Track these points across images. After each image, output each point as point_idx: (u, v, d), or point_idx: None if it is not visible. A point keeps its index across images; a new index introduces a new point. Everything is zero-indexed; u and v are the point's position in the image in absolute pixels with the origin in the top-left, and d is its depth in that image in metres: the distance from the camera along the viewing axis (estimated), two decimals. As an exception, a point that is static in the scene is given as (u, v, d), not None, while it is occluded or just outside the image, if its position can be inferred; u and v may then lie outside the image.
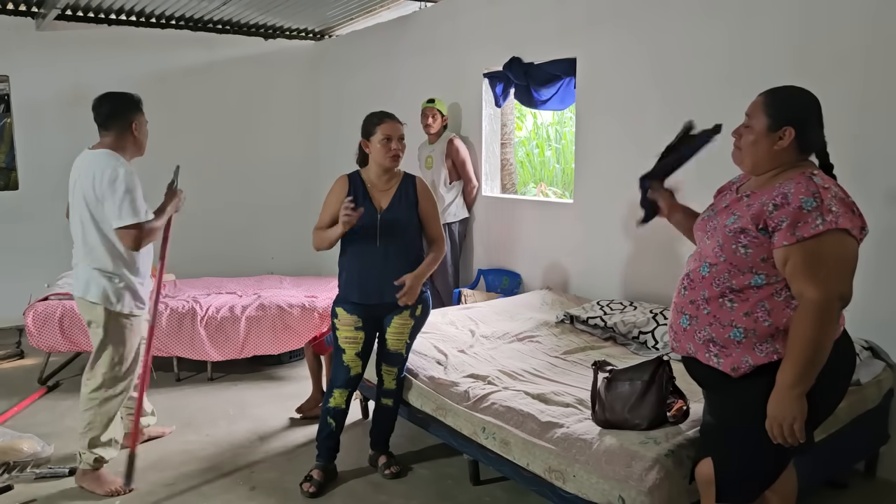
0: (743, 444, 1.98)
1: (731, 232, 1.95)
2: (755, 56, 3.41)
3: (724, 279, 1.96)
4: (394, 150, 3.04)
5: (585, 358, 3.30)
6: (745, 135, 2.01)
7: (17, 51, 5.74)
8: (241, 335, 4.51)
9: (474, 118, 5.19)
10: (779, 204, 1.85)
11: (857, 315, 3.10)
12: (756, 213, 1.90)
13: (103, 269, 3.02)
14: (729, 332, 1.95)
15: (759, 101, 2.00)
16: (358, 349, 3.12)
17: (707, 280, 2.00)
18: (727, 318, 1.95)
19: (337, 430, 3.19)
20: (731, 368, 1.95)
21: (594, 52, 4.23)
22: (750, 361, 1.92)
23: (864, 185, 3.05)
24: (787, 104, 1.97)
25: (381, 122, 3.06)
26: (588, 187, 4.40)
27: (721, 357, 1.97)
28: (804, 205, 1.81)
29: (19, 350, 5.13)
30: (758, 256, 1.91)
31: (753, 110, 2.01)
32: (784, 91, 2.00)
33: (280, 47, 6.91)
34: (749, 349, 1.92)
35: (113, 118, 3.10)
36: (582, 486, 2.36)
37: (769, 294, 1.91)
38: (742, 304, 1.93)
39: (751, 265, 1.92)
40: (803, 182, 1.85)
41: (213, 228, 6.58)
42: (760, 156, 1.98)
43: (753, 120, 1.99)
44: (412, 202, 3.13)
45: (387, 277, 3.05)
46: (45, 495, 3.08)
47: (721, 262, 1.97)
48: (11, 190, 5.93)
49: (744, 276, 1.93)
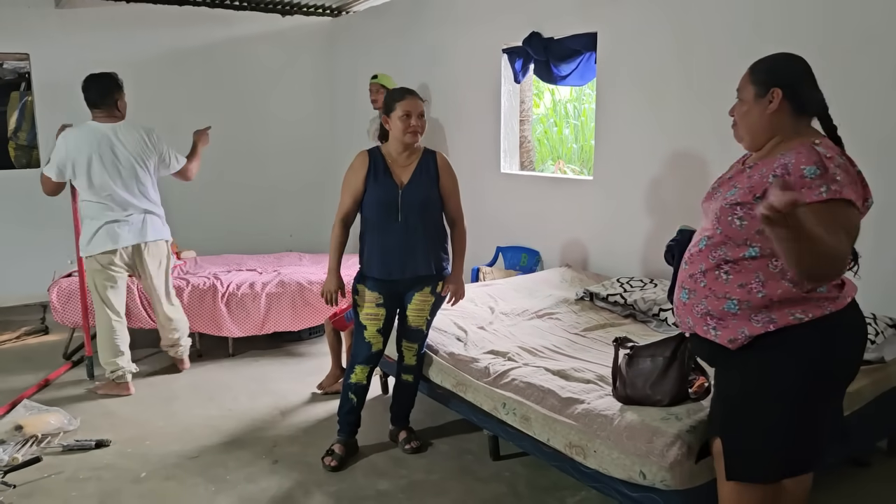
0: (746, 418, 1.95)
1: (728, 204, 1.93)
2: (780, 31, 3.34)
3: (720, 251, 1.95)
4: (413, 126, 3.03)
5: (605, 335, 3.30)
6: (738, 108, 2.03)
7: (38, 29, 5.75)
8: (262, 312, 4.55)
9: (493, 94, 5.15)
10: (779, 175, 1.82)
11: (882, 293, 3.09)
12: (755, 184, 1.88)
13: (159, 214, 4.03)
14: (724, 303, 1.93)
15: (747, 74, 2.02)
16: (379, 325, 3.13)
17: (704, 253, 1.99)
18: (722, 289, 1.94)
19: (358, 405, 3.22)
20: (729, 340, 1.93)
21: (615, 27, 4.17)
22: (746, 332, 1.90)
23: (891, 160, 3.01)
24: (770, 68, 1.97)
25: (402, 98, 3.06)
26: (608, 164, 4.36)
27: (718, 329, 1.96)
28: (807, 174, 1.77)
29: (44, 326, 5.21)
30: (752, 228, 1.88)
31: (742, 84, 2.02)
32: (767, 58, 2.01)
33: (297, 23, 6.88)
34: (745, 320, 1.91)
35: (105, 97, 3.86)
36: (603, 461, 2.36)
37: (764, 265, 1.89)
38: (736, 275, 1.92)
39: (745, 237, 1.90)
40: (804, 152, 1.81)
41: (232, 205, 6.61)
42: (755, 125, 1.97)
43: (743, 93, 2.01)
44: (433, 177, 3.12)
45: (408, 253, 3.06)
46: (72, 467, 3.15)
47: (717, 235, 1.95)
48: (34, 167, 5.97)
49: (739, 249, 1.91)
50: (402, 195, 3.06)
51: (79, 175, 3.82)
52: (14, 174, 5.92)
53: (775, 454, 1.94)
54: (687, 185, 3.76)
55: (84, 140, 3.80)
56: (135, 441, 3.40)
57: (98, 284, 3.92)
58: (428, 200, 3.10)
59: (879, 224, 3.00)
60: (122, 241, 3.87)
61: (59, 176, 3.85)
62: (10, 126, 6.19)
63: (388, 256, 3.08)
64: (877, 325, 2.90)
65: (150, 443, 3.39)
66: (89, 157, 3.79)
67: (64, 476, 3.07)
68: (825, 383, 1.93)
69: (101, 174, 3.81)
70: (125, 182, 3.86)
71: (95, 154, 3.80)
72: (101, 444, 3.32)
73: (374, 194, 3.07)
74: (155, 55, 6.08)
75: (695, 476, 2.21)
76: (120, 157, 3.84)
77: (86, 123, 3.87)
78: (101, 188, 3.82)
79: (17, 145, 6.21)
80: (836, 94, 3.07)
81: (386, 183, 3.05)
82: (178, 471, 3.13)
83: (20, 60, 5.91)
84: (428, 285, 3.15)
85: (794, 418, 1.91)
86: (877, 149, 2.95)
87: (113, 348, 3.96)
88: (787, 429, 1.91)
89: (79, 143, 3.80)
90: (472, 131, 5.37)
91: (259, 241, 6.55)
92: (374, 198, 3.07)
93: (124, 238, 3.87)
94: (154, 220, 3.99)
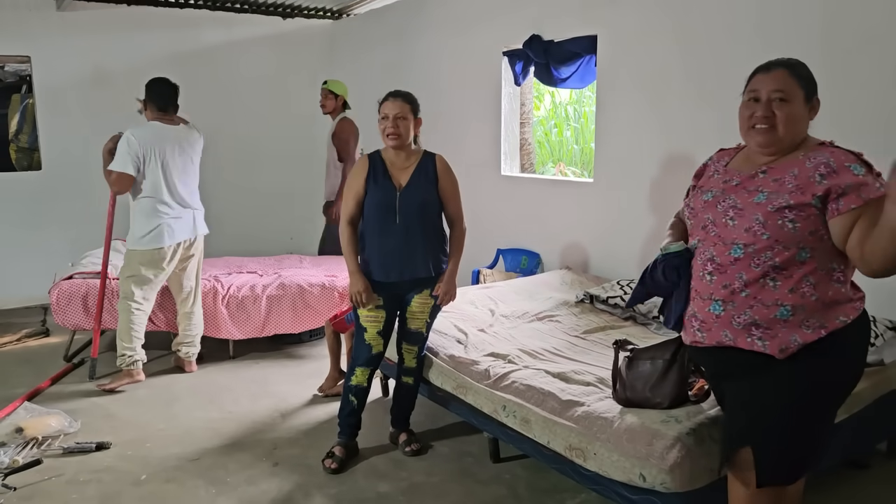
0: (784, 426, 1.92)
1: (775, 208, 1.88)
2: (783, 33, 3.35)
3: (765, 258, 1.89)
4: (390, 128, 3.02)
5: (605, 337, 3.30)
6: (781, 110, 1.93)
7: (39, 31, 5.77)
8: (262, 314, 4.56)
9: (493, 97, 5.16)
10: (825, 174, 1.84)
11: (883, 295, 3.09)
12: (802, 185, 1.86)
13: (202, 210, 4.26)
14: (775, 311, 1.89)
15: (786, 74, 1.94)
16: (379, 328, 3.14)
17: (743, 262, 1.92)
18: (770, 297, 1.89)
19: (359, 407, 3.22)
20: (780, 350, 1.88)
21: (615, 29, 4.18)
22: (798, 340, 1.87)
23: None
24: (809, 75, 1.96)
25: (384, 100, 3.08)
26: (608, 166, 4.37)
27: (766, 339, 1.90)
28: (854, 170, 1.81)
29: (45, 328, 5.22)
30: (806, 230, 1.86)
31: (785, 84, 1.93)
32: (797, 62, 1.98)
33: (298, 26, 6.89)
34: (796, 327, 1.88)
35: (173, 102, 4.13)
36: (603, 463, 2.37)
37: (813, 268, 1.88)
38: (786, 280, 1.88)
39: (798, 239, 1.86)
40: (836, 151, 1.86)
41: (233, 208, 6.61)
42: (799, 129, 1.95)
43: (790, 94, 1.93)
44: (432, 180, 3.12)
45: (407, 255, 3.07)
46: (73, 470, 3.15)
47: (762, 240, 1.89)
48: (35, 170, 5.99)
49: (789, 252, 1.87)
50: (401, 197, 3.06)
51: (149, 172, 3.97)
52: (15, 176, 5.93)
53: (809, 457, 1.96)
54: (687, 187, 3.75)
55: (155, 138, 3.99)
56: (135, 443, 3.40)
57: (141, 276, 4.06)
58: (426, 203, 3.10)
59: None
60: (179, 237, 4.10)
61: (135, 170, 3.94)
62: (12, 128, 6.20)
63: (387, 259, 3.08)
64: (876, 328, 2.90)
65: (151, 445, 3.39)
66: (162, 156, 3.98)
67: (64, 478, 3.07)
68: (855, 384, 1.99)
69: (171, 172, 4.02)
70: (187, 180, 4.14)
71: (167, 152, 4.01)
72: (101, 447, 3.32)
73: (373, 197, 3.08)
74: (155, 58, 6.08)
75: (695, 478, 2.21)
76: (185, 156, 4.11)
77: (150, 124, 4.06)
78: (170, 186, 4.03)
79: (18, 148, 6.23)
80: (838, 95, 3.09)
81: (384, 185, 3.06)
82: (179, 473, 3.13)
83: (21, 63, 5.92)
84: (427, 287, 3.16)
85: (827, 420, 1.96)
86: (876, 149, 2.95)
87: (133, 334, 4.12)
88: (820, 431, 1.94)
89: (150, 141, 3.97)
90: (472, 134, 5.38)
91: (259, 244, 6.56)
92: (373, 200, 3.08)
93: (180, 233, 4.11)
94: (200, 216, 4.27)
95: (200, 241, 4.30)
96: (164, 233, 4.02)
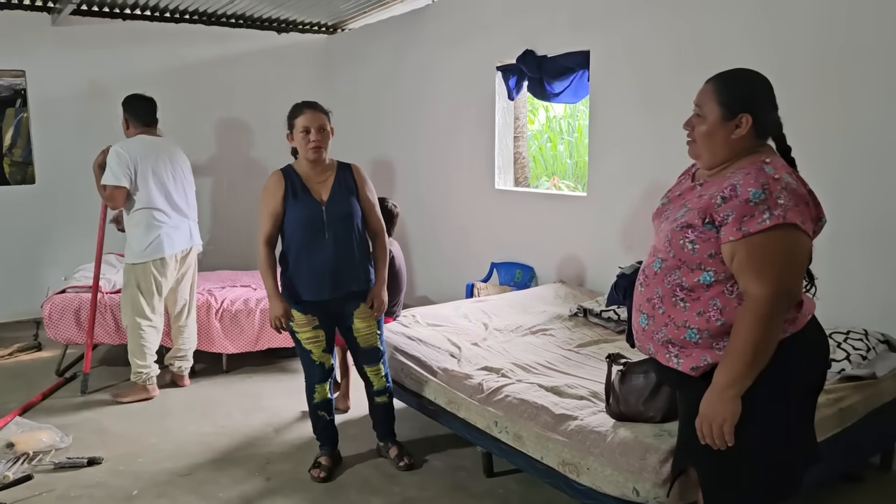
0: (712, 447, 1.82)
1: (679, 226, 1.83)
2: (774, 48, 3.37)
3: (674, 276, 1.85)
4: (314, 140, 2.93)
5: (599, 351, 3.30)
6: (698, 125, 1.88)
7: (34, 46, 5.78)
8: (256, 328, 4.54)
9: (487, 111, 5.18)
10: (727, 196, 1.74)
11: (876, 309, 3.11)
12: (704, 205, 1.79)
13: (196, 221, 4.30)
14: (684, 332, 1.83)
15: (709, 89, 1.87)
16: (323, 346, 3.11)
17: (659, 277, 1.89)
18: (681, 318, 1.84)
19: (331, 419, 3.23)
20: (691, 368, 1.83)
21: (608, 45, 4.21)
22: (709, 360, 1.81)
23: (887, 174, 3.03)
24: (738, 89, 1.84)
25: (299, 113, 2.96)
26: (602, 180, 4.39)
27: (681, 357, 1.86)
28: (752, 197, 1.69)
29: (37, 342, 5.19)
30: (705, 252, 1.79)
31: (703, 99, 1.88)
32: (733, 75, 1.88)
33: (293, 41, 6.92)
34: (707, 348, 1.81)
35: (154, 116, 4.15)
36: (596, 478, 2.36)
37: (720, 291, 1.79)
38: (693, 303, 1.82)
39: (699, 261, 1.80)
40: (753, 172, 1.73)
41: (227, 222, 6.60)
42: (717, 147, 1.85)
43: (705, 110, 1.86)
44: (353, 190, 3.07)
45: (340, 270, 2.99)
46: (64, 485, 3.12)
47: (670, 258, 1.86)
48: (28, 184, 5.97)
49: (693, 273, 1.82)
50: (327, 211, 2.98)
51: (141, 183, 3.96)
52: (8, 190, 5.91)
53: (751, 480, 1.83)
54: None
55: (144, 150, 3.99)
56: (127, 458, 3.38)
57: (145, 290, 4.05)
58: (353, 214, 3.03)
59: (873, 241, 3.02)
60: (178, 246, 4.11)
61: (128, 182, 3.94)
62: (6, 142, 6.18)
63: (317, 276, 2.98)
64: (868, 342, 2.91)
65: (143, 460, 3.37)
66: (153, 166, 4.00)
67: (55, 494, 3.05)
68: (784, 404, 1.82)
69: (164, 182, 4.03)
70: (181, 191, 4.16)
71: (159, 163, 4.03)
72: (93, 462, 3.30)
73: (295, 213, 2.98)
74: (151, 72, 6.09)
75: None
76: (176, 168, 4.14)
77: (137, 137, 4.05)
78: (164, 195, 4.04)
79: (12, 161, 6.21)
80: (831, 107, 3.12)
81: (306, 200, 2.97)
82: (170, 488, 3.11)
83: (16, 77, 5.92)
84: (362, 300, 3.10)
85: (764, 443, 1.81)
86: (878, 164, 2.97)
87: (146, 352, 4.11)
88: (760, 453, 1.81)
89: (140, 153, 3.97)
90: (466, 147, 5.40)
91: (253, 258, 6.52)
92: (296, 217, 2.98)
93: (178, 243, 4.12)
94: (195, 226, 4.30)
95: (194, 252, 4.31)
96: (164, 242, 4.02)
